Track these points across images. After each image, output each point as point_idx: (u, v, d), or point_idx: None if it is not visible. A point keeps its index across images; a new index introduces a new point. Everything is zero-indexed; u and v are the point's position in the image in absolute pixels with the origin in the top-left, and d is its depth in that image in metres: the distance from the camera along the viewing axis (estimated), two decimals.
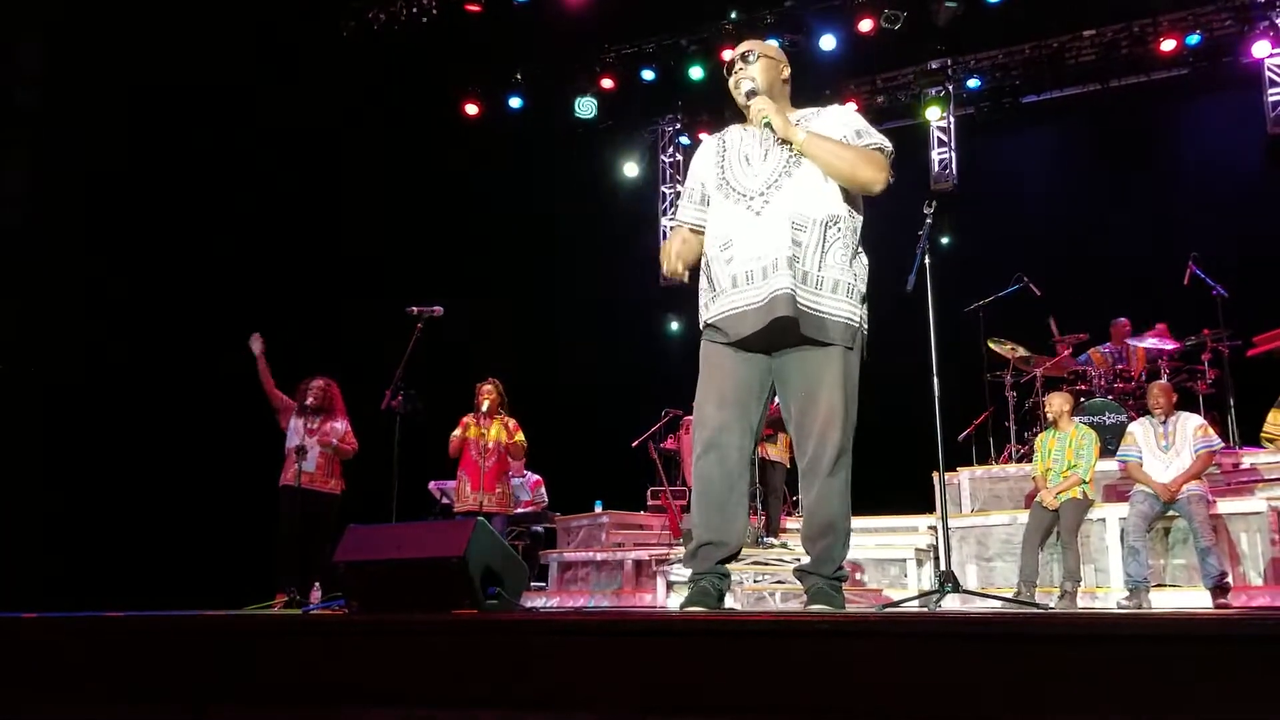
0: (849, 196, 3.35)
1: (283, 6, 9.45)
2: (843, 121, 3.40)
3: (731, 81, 3.49)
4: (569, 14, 10.89)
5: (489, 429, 7.37)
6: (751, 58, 3.47)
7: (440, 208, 11.27)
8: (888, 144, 3.37)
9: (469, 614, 2.71)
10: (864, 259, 3.39)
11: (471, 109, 12.13)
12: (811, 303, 3.20)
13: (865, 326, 3.34)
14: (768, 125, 3.33)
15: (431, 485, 9.41)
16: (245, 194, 9.21)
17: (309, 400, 7.25)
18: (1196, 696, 1.57)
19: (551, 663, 2.08)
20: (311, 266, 9.56)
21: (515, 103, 12.14)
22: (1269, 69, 10.75)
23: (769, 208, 3.24)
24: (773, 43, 3.76)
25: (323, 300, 9.53)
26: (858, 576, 7.58)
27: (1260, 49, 10.58)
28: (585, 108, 11.87)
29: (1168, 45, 10.85)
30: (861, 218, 3.41)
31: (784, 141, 3.33)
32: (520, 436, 7.49)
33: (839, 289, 3.25)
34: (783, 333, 3.19)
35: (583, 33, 11.30)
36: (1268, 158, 10.75)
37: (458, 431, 7.43)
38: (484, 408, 7.37)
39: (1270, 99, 10.75)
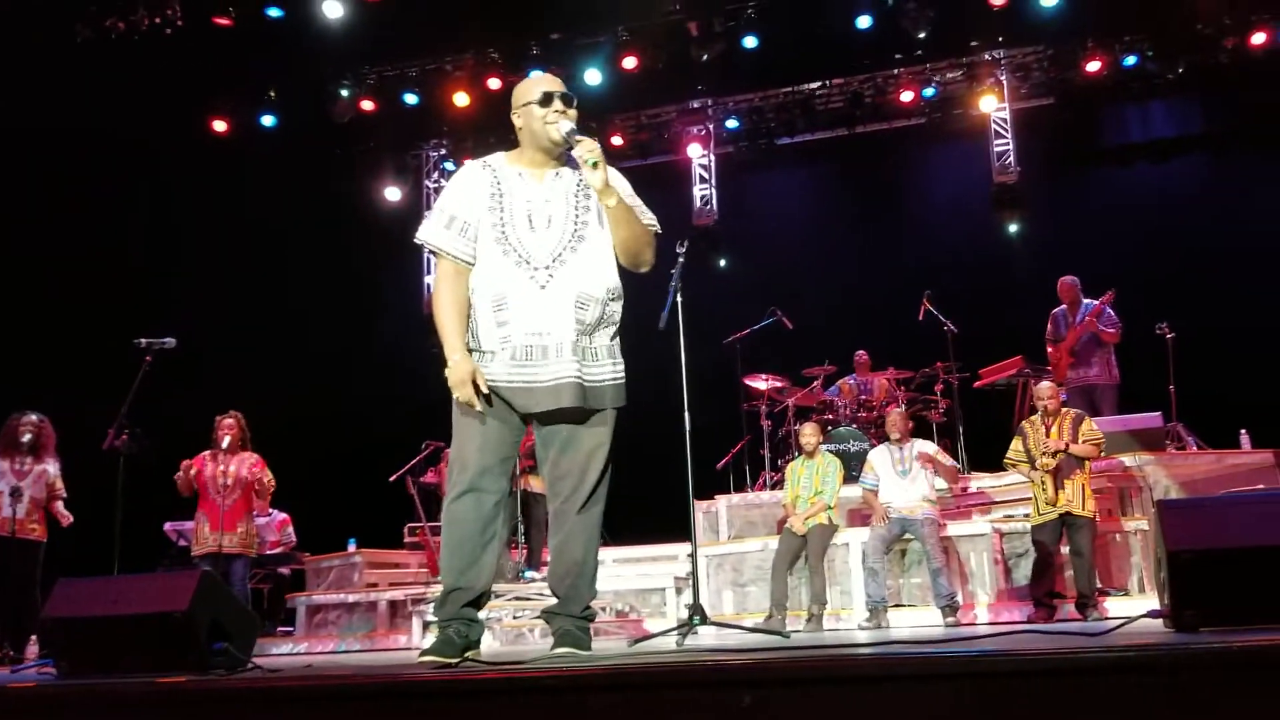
0: (621, 271, 3.31)
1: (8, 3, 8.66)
2: (628, 191, 3.33)
3: (542, 114, 3.22)
4: (327, 33, 10.51)
5: (229, 466, 6.93)
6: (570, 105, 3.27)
7: (184, 228, 10.59)
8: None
9: (180, 681, 2.48)
10: None
11: (220, 125, 11.52)
12: (592, 377, 3.18)
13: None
14: (595, 166, 3.10)
15: (168, 526, 8.81)
16: None
17: (24, 438, 6.61)
18: None
19: None
20: (25, 291, 8.74)
21: (268, 120, 11.63)
22: (994, 122, 11.71)
23: (554, 282, 3.15)
24: None
25: (38, 328, 8.72)
26: (619, 606, 7.60)
27: (987, 104, 11.50)
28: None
29: (906, 96, 11.65)
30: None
31: (577, 199, 3.24)
32: (268, 476, 7.07)
33: (612, 352, 3.27)
34: (562, 410, 3.15)
35: (342, 53, 10.95)
36: (993, 203, 11.68)
37: (180, 473, 6.91)
38: (224, 444, 6.93)
39: (995, 149, 11.71)
